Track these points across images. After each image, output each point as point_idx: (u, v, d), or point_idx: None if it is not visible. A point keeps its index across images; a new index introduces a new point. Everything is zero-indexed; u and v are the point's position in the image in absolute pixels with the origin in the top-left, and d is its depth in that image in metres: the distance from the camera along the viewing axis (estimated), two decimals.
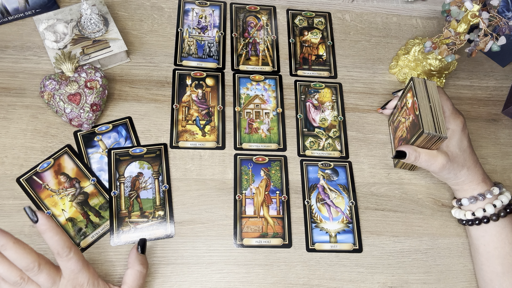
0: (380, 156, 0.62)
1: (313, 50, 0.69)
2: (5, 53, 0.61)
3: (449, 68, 0.65)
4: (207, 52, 0.66)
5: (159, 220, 0.54)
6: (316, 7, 0.74)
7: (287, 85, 0.66)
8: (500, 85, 0.71)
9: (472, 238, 0.55)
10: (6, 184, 0.53)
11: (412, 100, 0.54)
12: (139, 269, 0.47)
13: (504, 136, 0.67)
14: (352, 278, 0.54)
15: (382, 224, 0.57)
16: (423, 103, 0.52)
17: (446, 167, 0.52)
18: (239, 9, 0.71)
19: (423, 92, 0.53)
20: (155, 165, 0.57)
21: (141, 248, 0.48)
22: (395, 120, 0.61)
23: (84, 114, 0.55)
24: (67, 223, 0.52)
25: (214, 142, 0.60)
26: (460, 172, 0.53)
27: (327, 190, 0.59)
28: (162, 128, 0.60)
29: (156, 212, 0.54)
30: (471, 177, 0.53)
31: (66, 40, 0.60)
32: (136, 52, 0.65)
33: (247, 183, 0.58)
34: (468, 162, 0.53)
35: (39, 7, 0.64)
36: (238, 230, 0.55)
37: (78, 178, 0.55)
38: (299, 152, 0.61)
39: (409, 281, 0.54)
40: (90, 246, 0.52)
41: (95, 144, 0.57)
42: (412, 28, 0.74)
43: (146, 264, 0.48)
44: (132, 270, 0.46)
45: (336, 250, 0.55)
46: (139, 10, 0.69)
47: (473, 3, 0.54)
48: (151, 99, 0.61)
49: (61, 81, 0.55)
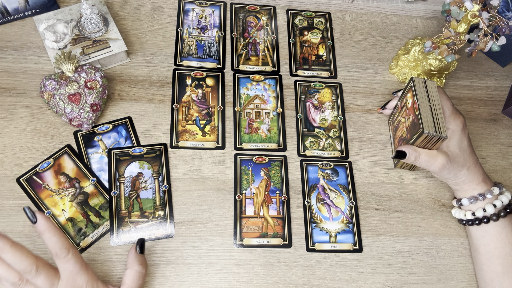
0: (380, 156, 0.62)
1: (313, 50, 0.69)
2: (5, 53, 0.61)
3: (449, 68, 0.65)
4: (207, 52, 0.66)
5: (159, 220, 0.54)
6: (316, 7, 0.74)
7: (287, 85, 0.66)
8: (500, 85, 0.71)
9: (472, 238, 0.55)
10: (6, 184, 0.53)
11: (412, 100, 0.54)
12: (138, 269, 0.46)
13: (504, 136, 0.67)
14: (352, 278, 0.54)
15: (382, 224, 0.57)
16: (423, 103, 0.52)
17: (446, 167, 0.52)
18: (239, 9, 0.71)
19: (423, 92, 0.53)
20: (155, 165, 0.57)
21: (140, 248, 0.48)
22: (395, 120, 0.61)
23: (84, 114, 0.55)
24: (67, 223, 0.52)
25: (214, 142, 0.60)
26: (460, 172, 0.53)
27: (327, 190, 0.59)
28: (162, 128, 0.60)
29: (156, 212, 0.54)
30: (471, 177, 0.53)
31: (66, 40, 0.60)
32: (136, 52, 0.65)
33: (247, 183, 0.58)
34: (468, 162, 0.53)
35: (39, 7, 0.64)
36: (238, 230, 0.55)
37: (78, 178, 0.55)
38: (299, 152, 0.61)
39: (409, 281, 0.54)
40: (90, 246, 0.52)
41: (95, 144, 0.57)
42: (412, 28, 0.74)
43: (145, 264, 0.48)
44: (131, 271, 0.46)
45: (336, 250, 0.55)
46: (139, 10, 0.69)
47: (473, 3, 0.54)
48: (151, 99, 0.61)
49: (61, 81, 0.55)
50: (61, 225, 0.52)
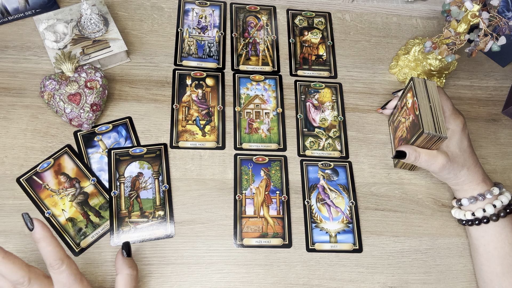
0: (380, 156, 0.62)
1: (313, 50, 0.69)
2: (5, 53, 0.61)
3: (449, 68, 0.65)
4: (207, 52, 0.66)
5: (159, 220, 0.54)
6: (316, 7, 0.74)
7: (287, 85, 0.66)
8: (500, 85, 0.71)
9: (472, 238, 0.55)
10: (6, 184, 0.53)
11: (412, 100, 0.54)
12: (128, 272, 0.45)
13: (504, 136, 0.67)
14: (352, 278, 0.54)
15: (382, 224, 0.57)
16: (423, 103, 0.52)
17: (446, 167, 0.52)
18: (239, 9, 0.71)
19: (423, 92, 0.53)
20: (155, 165, 0.57)
21: (126, 251, 0.47)
22: (395, 120, 0.61)
23: (84, 114, 0.55)
24: (67, 223, 0.52)
25: (214, 142, 0.60)
26: (460, 172, 0.53)
27: (327, 190, 0.59)
28: (162, 128, 0.60)
29: (156, 212, 0.54)
30: (471, 177, 0.53)
31: (66, 40, 0.60)
32: (136, 52, 0.65)
33: (247, 183, 0.58)
34: (468, 162, 0.53)
35: (39, 7, 0.64)
36: (238, 230, 0.55)
37: (78, 178, 0.55)
38: (299, 152, 0.61)
39: (409, 281, 0.54)
40: (90, 246, 0.52)
41: (95, 144, 0.57)
42: (412, 28, 0.74)
43: (135, 266, 0.47)
44: (122, 275, 0.45)
45: (336, 250, 0.55)
46: (139, 10, 0.69)
47: (473, 3, 0.54)
48: (151, 99, 0.61)
49: (61, 81, 0.55)
50: (61, 225, 0.52)
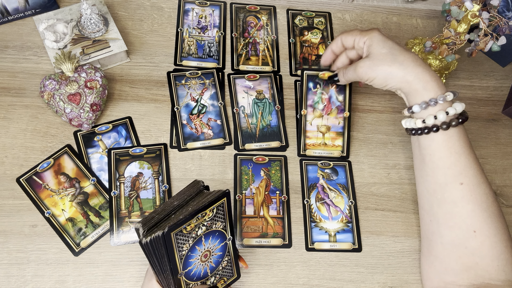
0: (380, 156, 0.62)
1: (313, 50, 0.69)
2: (5, 53, 0.61)
3: (449, 68, 0.65)
4: (207, 52, 0.66)
5: None
6: (316, 7, 0.74)
7: (287, 85, 0.66)
8: (500, 85, 0.71)
9: (420, 148, 0.52)
10: (6, 184, 0.53)
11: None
12: None
13: (504, 136, 0.66)
14: (352, 278, 0.54)
15: (382, 224, 0.57)
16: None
17: (373, 68, 0.50)
18: (239, 9, 0.71)
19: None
20: (155, 165, 0.57)
21: None
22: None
23: (84, 114, 0.55)
24: (67, 223, 0.52)
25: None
26: (394, 70, 0.50)
27: (326, 190, 0.59)
28: (162, 128, 0.60)
29: None
30: (414, 75, 0.49)
31: (66, 40, 0.60)
32: (136, 52, 0.65)
33: (247, 183, 0.58)
34: (399, 58, 0.50)
35: (39, 7, 0.64)
36: (238, 230, 0.55)
37: (78, 178, 0.55)
38: (299, 152, 0.61)
39: (409, 281, 0.54)
40: (90, 246, 0.52)
41: (95, 144, 0.57)
42: (412, 28, 0.74)
43: None
44: None
45: (336, 249, 0.55)
46: (139, 10, 0.69)
47: (473, 3, 0.54)
48: (151, 99, 0.61)
49: (61, 81, 0.55)
50: (61, 225, 0.52)
